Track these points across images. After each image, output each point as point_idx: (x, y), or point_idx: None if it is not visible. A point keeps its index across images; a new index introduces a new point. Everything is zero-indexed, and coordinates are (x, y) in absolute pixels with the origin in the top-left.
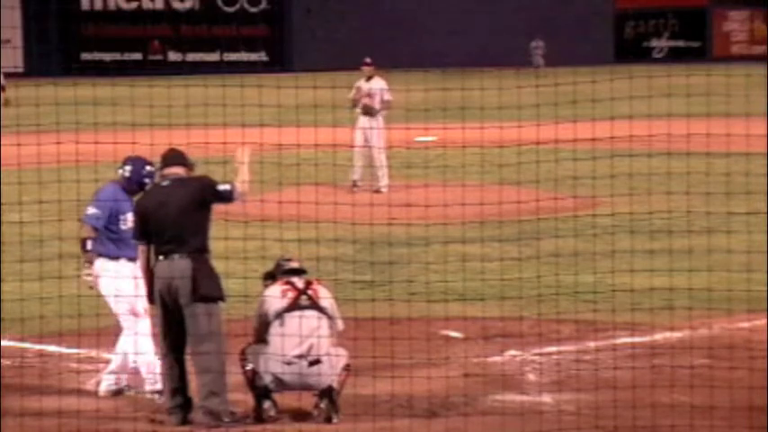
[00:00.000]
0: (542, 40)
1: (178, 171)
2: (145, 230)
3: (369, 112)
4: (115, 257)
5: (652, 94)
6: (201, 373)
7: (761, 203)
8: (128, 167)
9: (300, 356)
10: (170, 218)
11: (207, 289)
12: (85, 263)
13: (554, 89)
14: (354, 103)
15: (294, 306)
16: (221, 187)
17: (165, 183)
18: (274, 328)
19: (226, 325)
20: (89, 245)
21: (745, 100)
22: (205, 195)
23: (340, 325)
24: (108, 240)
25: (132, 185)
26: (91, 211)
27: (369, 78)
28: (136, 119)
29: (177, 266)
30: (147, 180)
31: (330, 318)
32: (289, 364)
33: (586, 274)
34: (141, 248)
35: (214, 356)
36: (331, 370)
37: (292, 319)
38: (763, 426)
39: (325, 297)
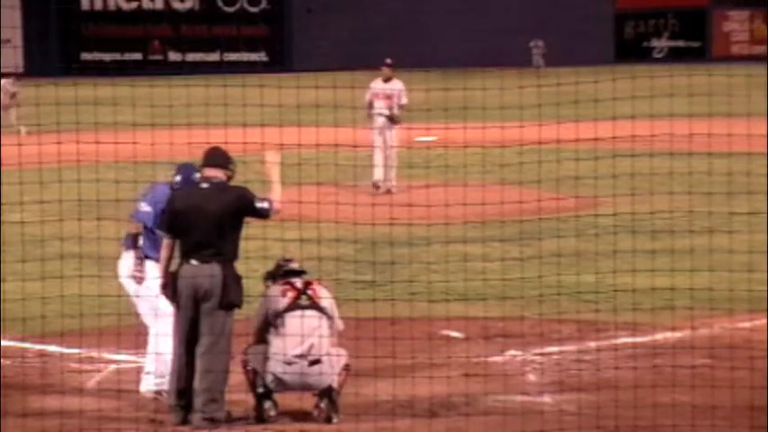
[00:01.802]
0: (542, 40)
1: (218, 174)
2: (172, 227)
3: (394, 120)
4: (145, 257)
5: (654, 94)
6: (206, 373)
7: (762, 203)
8: (178, 177)
9: (301, 356)
10: (203, 223)
11: (233, 296)
12: (137, 259)
13: (555, 89)
14: (370, 105)
15: (294, 306)
16: (259, 205)
17: (204, 185)
18: (275, 329)
19: None
20: (141, 241)
21: (746, 100)
22: (242, 209)
23: (340, 325)
24: (144, 240)
25: None
26: (145, 208)
27: (387, 80)
28: (137, 119)
29: (206, 271)
30: None
31: (330, 318)
32: (290, 363)
33: (588, 273)
34: (166, 242)
35: (221, 360)
36: (331, 370)
37: (293, 318)
38: (764, 426)
39: (325, 297)
